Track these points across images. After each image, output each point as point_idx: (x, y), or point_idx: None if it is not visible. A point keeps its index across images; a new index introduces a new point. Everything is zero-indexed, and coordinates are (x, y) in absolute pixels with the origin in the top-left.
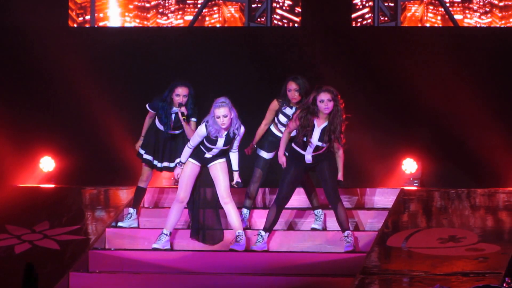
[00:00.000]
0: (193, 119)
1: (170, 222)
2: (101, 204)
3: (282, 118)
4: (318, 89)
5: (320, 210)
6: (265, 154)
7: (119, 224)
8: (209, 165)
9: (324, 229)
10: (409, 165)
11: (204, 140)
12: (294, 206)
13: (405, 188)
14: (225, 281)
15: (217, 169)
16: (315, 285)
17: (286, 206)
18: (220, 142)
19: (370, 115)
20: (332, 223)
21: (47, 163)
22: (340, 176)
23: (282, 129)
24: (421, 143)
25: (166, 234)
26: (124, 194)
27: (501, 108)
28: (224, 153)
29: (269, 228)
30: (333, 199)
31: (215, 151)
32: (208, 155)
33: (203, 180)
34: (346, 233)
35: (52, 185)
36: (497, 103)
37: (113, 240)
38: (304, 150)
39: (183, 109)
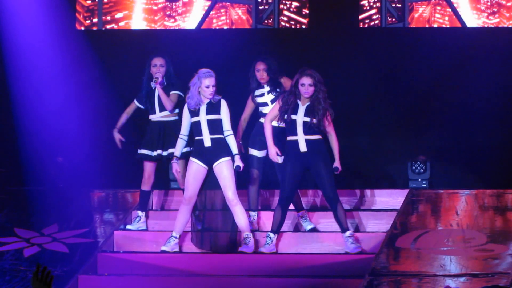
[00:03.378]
0: (177, 92)
1: (178, 225)
2: (110, 207)
3: (259, 99)
4: (302, 72)
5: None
6: (256, 152)
7: (128, 227)
8: (214, 165)
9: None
10: (418, 166)
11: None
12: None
13: (414, 189)
14: (234, 283)
15: (222, 168)
16: (324, 287)
17: (293, 208)
18: (203, 110)
19: (378, 116)
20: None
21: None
22: (336, 163)
23: (266, 109)
24: (430, 144)
25: (175, 237)
26: (133, 197)
27: (510, 108)
28: (225, 146)
29: (276, 229)
30: (332, 199)
31: (206, 128)
32: (207, 142)
33: (210, 183)
34: (348, 233)
35: (60, 188)
36: (506, 104)
37: (122, 242)
38: (296, 134)
39: (158, 74)
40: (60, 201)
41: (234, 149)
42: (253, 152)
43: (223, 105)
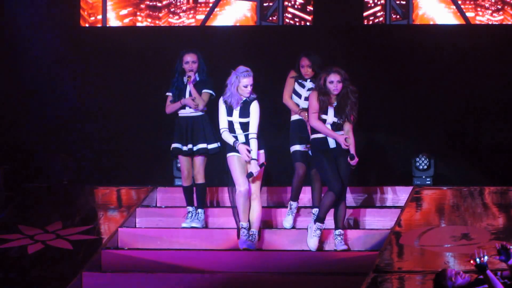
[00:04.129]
0: (209, 91)
1: (244, 215)
2: (114, 204)
3: (297, 87)
4: (328, 71)
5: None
6: (298, 147)
7: (183, 225)
8: None
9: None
10: (422, 163)
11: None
12: (306, 205)
13: (418, 186)
14: (238, 280)
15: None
16: (328, 284)
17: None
18: (236, 112)
19: (382, 112)
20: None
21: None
22: (352, 151)
23: (296, 99)
24: (434, 141)
25: (245, 228)
26: (137, 194)
27: None
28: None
29: (324, 217)
30: (340, 197)
31: (239, 128)
32: (241, 138)
33: None
34: (338, 231)
35: (64, 185)
36: (509, 101)
37: (126, 239)
38: None
39: (190, 73)
40: (64, 198)
41: (253, 153)
42: (296, 147)
43: (253, 108)
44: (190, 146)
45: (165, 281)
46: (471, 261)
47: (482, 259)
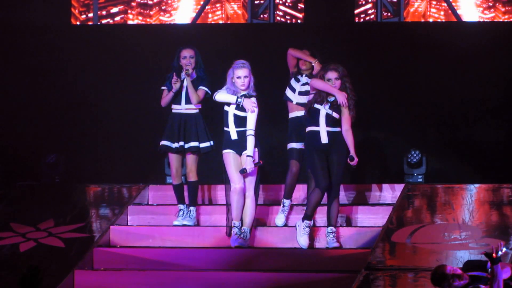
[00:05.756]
0: (205, 88)
1: (236, 213)
2: (106, 202)
3: (292, 81)
4: (325, 68)
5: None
6: (295, 145)
7: (174, 222)
8: (242, 155)
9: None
10: (413, 160)
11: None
12: (299, 203)
13: (410, 183)
14: (229, 277)
15: (248, 159)
16: (320, 281)
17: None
18: (233, 105)
19: (373, 110)
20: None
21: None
22: (352, 152)
23: (290, 93)
24: (426, 138)
25: (237, 227)
26: (129, 192)
27: (505, 103)
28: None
29: (311, 214)
30: (332, 193)
31: (232, 122)
32: (233, 135)
33: None
34: (330, 229)
35: (56, 183)
36: (501, 98)
37: (118, 237)
38: (318, 125)
39: (188, 67)
40: (56, 196)
41: (249, 150)
42: (292, 145)
43: (252, 105)
44: (181, 143)
45: (157, 279)
46: (494, 254)
47: (502, 251)
